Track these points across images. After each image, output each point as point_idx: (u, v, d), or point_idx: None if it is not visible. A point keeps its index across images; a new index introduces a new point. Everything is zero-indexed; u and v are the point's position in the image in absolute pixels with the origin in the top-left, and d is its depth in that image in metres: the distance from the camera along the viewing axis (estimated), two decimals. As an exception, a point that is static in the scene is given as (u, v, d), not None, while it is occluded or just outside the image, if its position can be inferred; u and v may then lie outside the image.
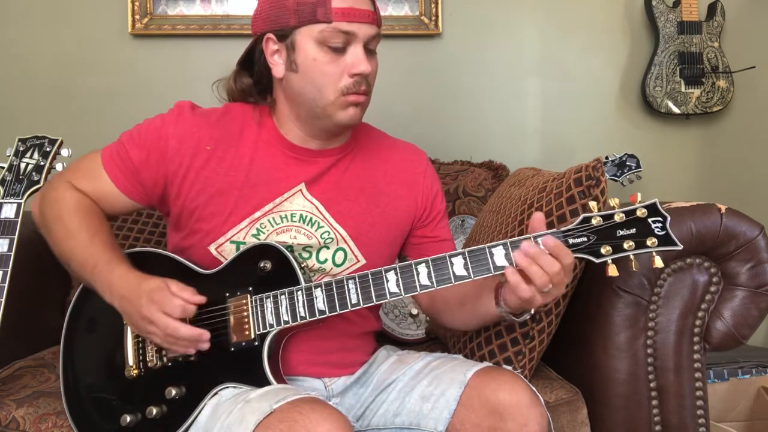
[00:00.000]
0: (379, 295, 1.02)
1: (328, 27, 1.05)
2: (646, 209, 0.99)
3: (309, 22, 1.05)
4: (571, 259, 0.97)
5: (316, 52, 1.06)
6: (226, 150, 1.14)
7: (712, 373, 1.80)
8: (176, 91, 2.05)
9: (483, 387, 1.03)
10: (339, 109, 1.09)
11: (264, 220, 1.13)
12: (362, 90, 1.08)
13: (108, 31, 2.06)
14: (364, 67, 1.06)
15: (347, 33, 1.05)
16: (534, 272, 0.96)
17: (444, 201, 1.28)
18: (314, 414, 0.89)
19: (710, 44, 2.09)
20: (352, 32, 1.05)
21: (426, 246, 1.24)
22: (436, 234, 1.25)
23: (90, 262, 1.08)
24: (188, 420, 1.04)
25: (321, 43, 1.06)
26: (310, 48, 1.07)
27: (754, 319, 1.22)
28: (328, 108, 1.09)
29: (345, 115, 1.09)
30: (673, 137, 2.19)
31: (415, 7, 2.09)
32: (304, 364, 1.15)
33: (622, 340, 1.24)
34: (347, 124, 1.12)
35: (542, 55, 2.17)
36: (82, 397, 1.15)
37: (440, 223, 1.27)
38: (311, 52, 1.07)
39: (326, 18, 1.04)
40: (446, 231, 1.27)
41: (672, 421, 1.25)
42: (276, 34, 1.09)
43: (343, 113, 1.09)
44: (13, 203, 1.30)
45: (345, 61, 1.07)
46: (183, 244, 1.17)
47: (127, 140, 1.15)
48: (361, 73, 1.07)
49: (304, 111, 1.12)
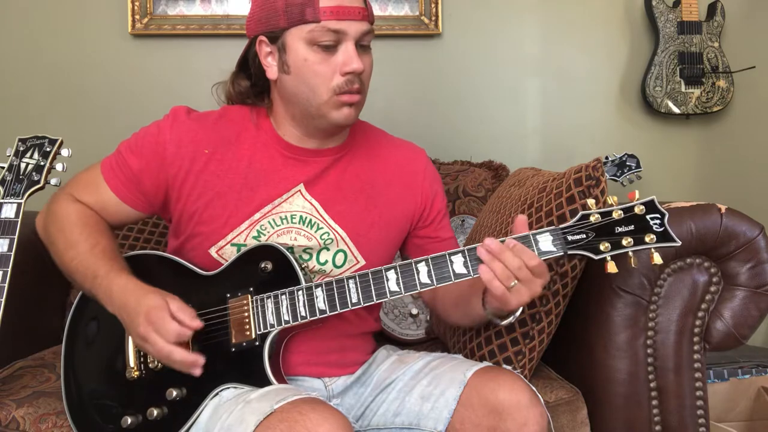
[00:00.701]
0: (379, 294, 1.02)
1: (317, 26, 1.04)
2: (644, 206, 1.00)
3: (298, 22, 1.05)
4: (536, 261, 0.97)
5: (306, 52, 1.06)
6: (224, 153, 1.14)
7: (712, 373, 1.80)
8: (176, 91, 2.06)
9: (483, 387, 1.03)
10: (333, 109, 1.08)
11: (264, 222, 1.13)
12: (355, 89, 1.08)
13: (108, 31, 2.06)
14: (356, 65, 1.05)
15: (337, 31, 1.05)
16: (495, 267, 0.97)
17: (445, 199, 1.28)
18: (314, 414, 0.89)
19: (710, 44, 2.09)
20: (342, 30, 1.05)
21: (429, 246, 1.23)
22: (438, 234, 1.25)
23: (90, 272, 1.08)
24: (189, 421, 1.04)
25: (311, 43, 1.05)
26: (300, 48, 1.06)
27: (754, 319, 1.22)
28: (322, 108, 1.08)
29: (339, 114, 1.09)
30: (673, 137, 2.19)
31: (415, 7, 2.09)
32: (303, 364, 1.15)
33: (622, 340, 1.24)
34: (342, 124, 1.11)
35: (542, 55, 2.18)
36: (83, 399, 1.15)
37: (442, 222, 1.27)
38: (302, 53, 1.06)
39: (315, 17, 1.04)
40: (448, 230, 1.27)
41: (672, 421, 1.25)
42: (268, 36, 1.09)
43: (337, 113, 1.09)
44: (13, 203, 1.30)
45: (336, 60, 1.06)
46: (183, 248, 1.17)
47: (126, 150, 1.15)
48: (353, 71, 1.06)
49: (299, 111, 1.12)
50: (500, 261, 0.97)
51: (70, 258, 1.11)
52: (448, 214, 1.29)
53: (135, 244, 1.70)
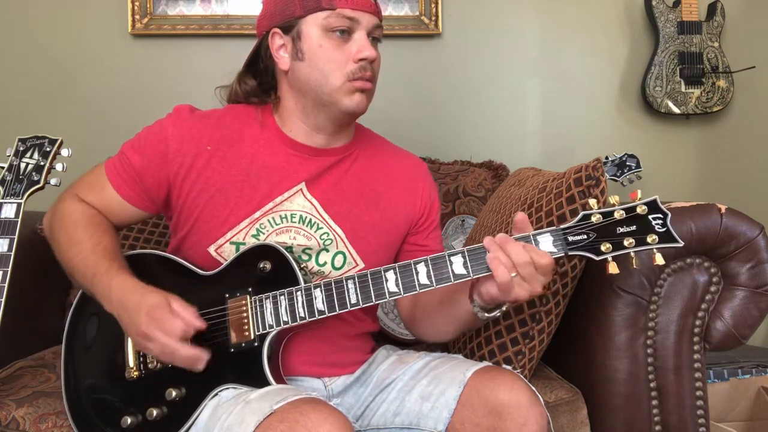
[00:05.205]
0: (378, 294, 1.02)
1: (333, 13, 1.08)
2: (646, 206, 0.99)
3: (314, 9, 1.09)
4: (547, 260, 0.97)
5: (321, 38, 1.09)
6: (227, 150, 1.14)
7: (712, 373, 1.80)
8: (176, 91, 2.06)
9: (482, 386, 1.03)
10: (345, 95, 1.10)
11: (264, 220, 1.13)
12: (368, 76, 1.11)
13: (108, 31, 2.06)
14: (369, 51, 1.09)
15: (351, 19, 1.09)
16: (501, 256, 0.97)
17: (439, 212, 1.29)
18: (315, 414, 0.89)
19: (710, 44, 2.09)
20: (356, 18, 1.09)
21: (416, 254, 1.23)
22: (427, 243, 1.26)
23: (90, 270, 1.08)
24: (188, 421, 1.04)
25: (326, 30, 1.09)
26: (315, 35, 1.10)
27: (754, 319, 1.22)
28: (335, 94, 1.10)
29: (351, 101, 1.10)
30: (673, 137, 2.19)
31: (415, 7, 2.10)
32: (303, 364, 1.15)
33: (622, 340, 1.24)
34: (353, 111, 1.12)
35: (542, 55, 2.18)
36: (83, 399, 1.15)
37: (433, 232, 1.27)
38: (317, 39, 1.09)
39: (330, 5, 1.08)
40: (438, 242, 1.28)
41: (672, 421, 1.25)
42: (282, 27, 1.12)
43: (349, 99, 1.10)
44: (13, 203, 1.30)
45: (350, 47, 1.10)
46: (182, 246, 1.17)
47: (128, 149, 1.16)
48: (367, 57, 1.09)
49: (311, 100, 1.13)
50: (506, 252, 0.97)
51: (72, 256, 1.11)
52: (440, 228, 1.29)
53: (135, 244, 1.70)
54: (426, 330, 1.22)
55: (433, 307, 1.17)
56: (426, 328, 1.22)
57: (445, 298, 1.14)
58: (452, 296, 1.11)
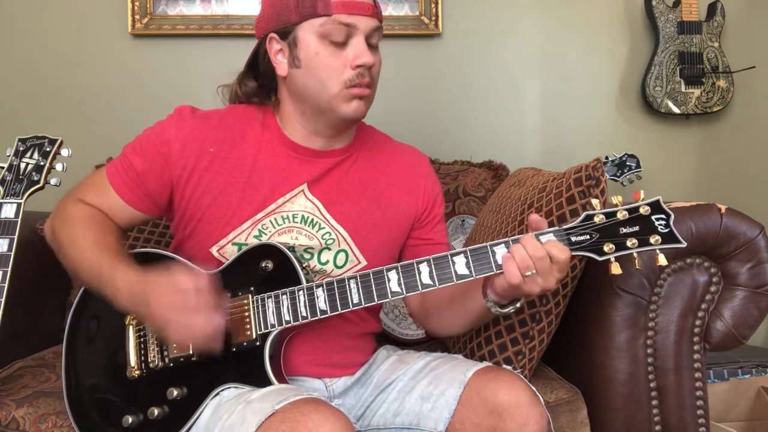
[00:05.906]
0: (380, 294, 1.02)
1: (329, 20, 1.06)
2: (649, 207, 0.98)
3: (310, 16, 1.07)
4: (566, 255, 0.97)
5: (318, 45, 1.07)
6: (229, 151, 1.14)
7: (712, 373, 1.80)
8: (176, 91, 2.06)
9: (483, 387, 1.03)
10: (343, 102, 1.09)
11: (266, 221, 1.13)
12: (366, 82, 1.09)
13: (108, 31, 2.06)
14: (366, 58, 1.07)
15: (348, 25, 1.06)
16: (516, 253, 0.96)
17: (443, 205, 1.29)
18: (316, 414, 0.89)
19: (710, 44, 2.09)
20: (353, 24, 1.06)
21: (421, 248, 1.23)
22: (431, 236, 1.25)
23: (95, 267, 1.07)
24: (190, 421, 1.04)
25: (323, 37, 1.07)
26: (312, 42, 1.08)
27: (754, 319, 1.22)
28: (333, 101, 1.09)
29: (349, 108, 1.09)
30: (673, 137, 2.19)
31: (415, 7, 2.10)
32: (305, 364, 1.15)
33: (622, 340, 1.24)
34: (352, 118, 1.12)
35: (542, 56, 2.18)
36: (84, 398, 1.15)
37: (437, 226, 1.27)
38: (313, 47, 1.08)
39: (326, 11, 1.06)
40: (443, 235, 1.27)
41: (672, 421, 1.25)
42: (278, 32, 1.10)
43: (347, 106, 1.09)
44: (13, 203, 1.30)
45: (347, 53, 1.08)
46: (184, 246, 1.17)
47: (130, 152, 1.15)
48: (364, 64, 1.07)
49: (309, 107, 1.12)
50: (522, 245, 0.96)
51: (75, 254, 1.10)
52: (444, 221, 1.29)
53: (135, 244, 1.70)
54: (436, 324, 1.22)
55: (444, 302, 1.17)
56: (437, 323, 1.22)
57: (456, 293, 1.13)
58: (465, 292, 1.11)
